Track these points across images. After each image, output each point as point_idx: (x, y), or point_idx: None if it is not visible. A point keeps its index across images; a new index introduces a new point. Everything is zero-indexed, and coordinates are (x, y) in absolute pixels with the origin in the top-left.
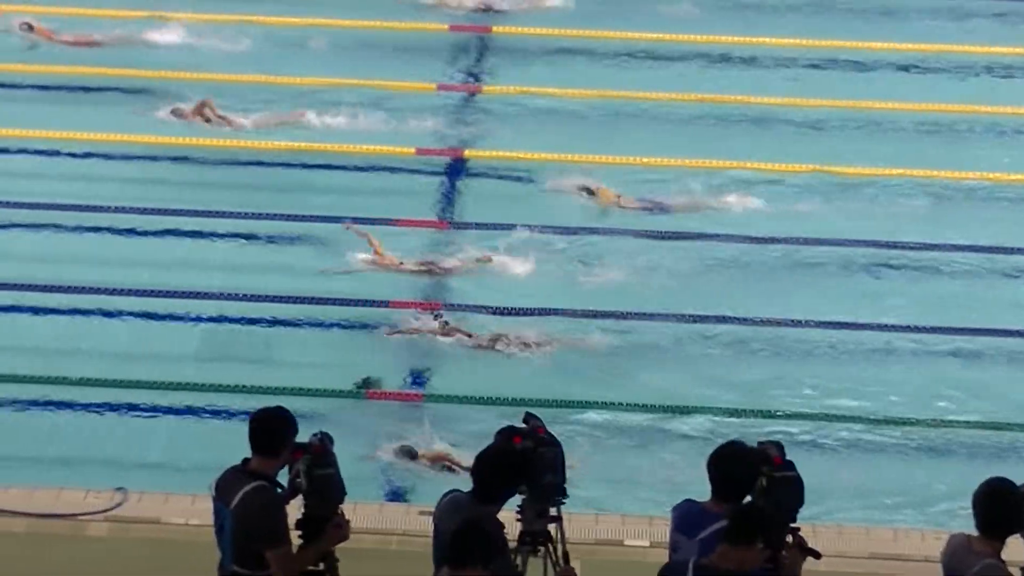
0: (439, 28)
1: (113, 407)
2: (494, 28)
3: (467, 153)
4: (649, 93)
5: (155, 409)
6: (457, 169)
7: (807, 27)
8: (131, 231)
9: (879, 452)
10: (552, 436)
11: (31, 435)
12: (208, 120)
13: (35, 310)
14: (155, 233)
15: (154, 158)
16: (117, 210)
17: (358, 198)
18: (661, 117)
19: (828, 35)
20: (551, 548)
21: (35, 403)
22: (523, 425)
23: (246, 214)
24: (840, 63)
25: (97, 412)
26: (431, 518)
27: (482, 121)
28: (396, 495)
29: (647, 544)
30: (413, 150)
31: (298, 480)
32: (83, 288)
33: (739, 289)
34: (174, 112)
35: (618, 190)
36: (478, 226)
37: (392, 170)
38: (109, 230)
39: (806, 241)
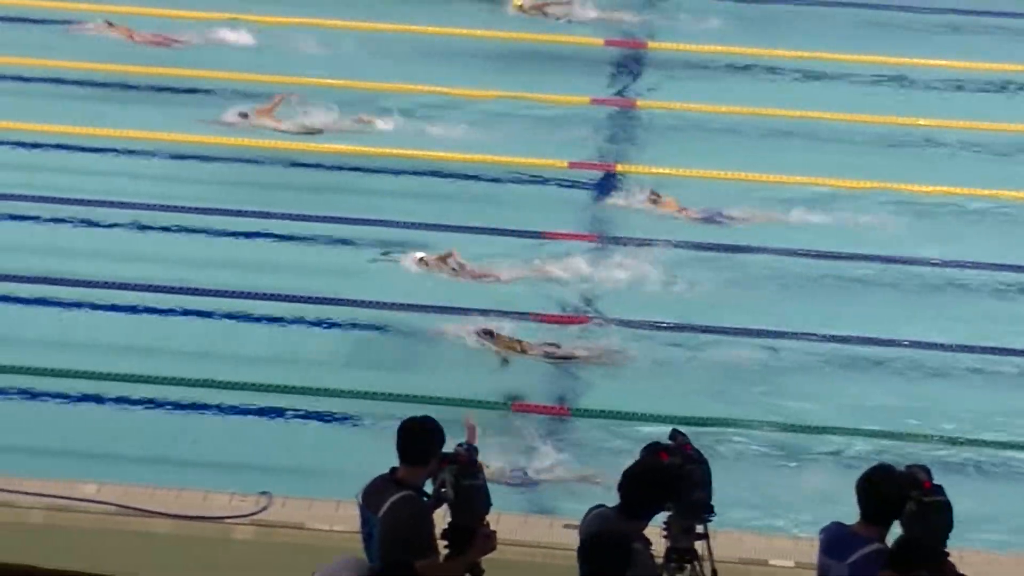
0: (594, 42)
1: (260, 411)
2: (649, 43)
3: (619, 167)
4: (804, 111)
5: (301, 414)
6: (609, 183)
7: (959, 48)
8: (264, 235)
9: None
10: (699, 453)
11: (179, 438)
12: None
13: (184, 312)
14: (292, 239)
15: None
16: (258, 215)
17: (509, 210)
18: (814, 135)
19: (984, 57)
20: (698, 566)
21: (184, 405)
22: (670, 442)
23: (394, 223)
24: (996, 85)
25: (244, 416)
26: (576, 532)
27: (635, 136)
28: (539, 508)
29: (792, 564)
30: (566, 163)
31: (444, 490)
32: (224, 292)
33: (878, 310)
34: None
35: (684, 201)
36: (628, 241)
37: (544, 182)
38: (237, 234)
39: (958, 264)
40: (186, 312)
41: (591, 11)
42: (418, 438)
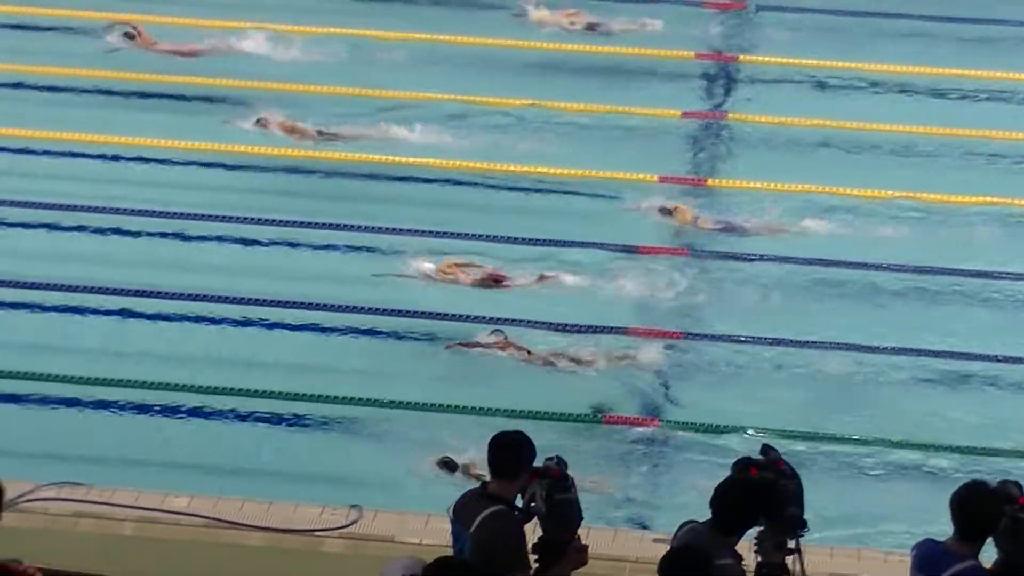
0: (685, 56)
1: (350, 424)
2: (740, 56)
3: (710, 182)
4: (895, 125)
5: (390, 429)
6: (700, 197)
7: None
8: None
9: None
10: (792, 468)
11: (271, 450)
12: None
13: (272, 325)
14: (360, 249)
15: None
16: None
17: (597, 224)
18: (906, 148)
19: None
20: None
21: (273, 418)
22: (760, 457)
23: (475, 235)
24: None
25: (334, 429)
26: (667, 546)
27: (726, 149)
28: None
29: None
30: (656, 177)
31: (534, 504)
32: (316, 304)
33: (966, 323)
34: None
35: (696, 211)
36: (719, 255)
37: (634, 196)
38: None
39: None
40: (272, 325)
41: (657, 23)
42: (509, 452)
